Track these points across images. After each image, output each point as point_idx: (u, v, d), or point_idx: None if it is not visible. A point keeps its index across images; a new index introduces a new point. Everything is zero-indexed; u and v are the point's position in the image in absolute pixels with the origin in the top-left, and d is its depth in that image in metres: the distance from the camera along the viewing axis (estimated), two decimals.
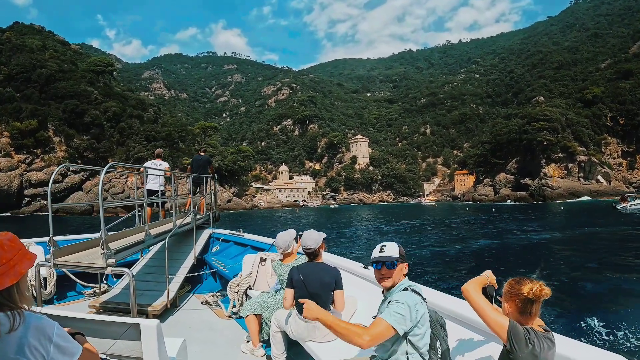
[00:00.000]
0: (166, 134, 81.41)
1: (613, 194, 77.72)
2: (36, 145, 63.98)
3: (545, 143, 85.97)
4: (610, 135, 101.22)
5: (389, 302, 1.83)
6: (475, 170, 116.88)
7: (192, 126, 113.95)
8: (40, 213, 59.34)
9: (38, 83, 79.36)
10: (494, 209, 53.97)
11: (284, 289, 3.04)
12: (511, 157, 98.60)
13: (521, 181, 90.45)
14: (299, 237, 3.23)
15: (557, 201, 74.45)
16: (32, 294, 3.60)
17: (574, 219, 35.40)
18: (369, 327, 1.76)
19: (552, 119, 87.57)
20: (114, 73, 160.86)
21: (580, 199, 76.70)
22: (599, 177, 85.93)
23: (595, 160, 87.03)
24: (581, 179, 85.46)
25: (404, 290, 1.85)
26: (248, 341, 3.36)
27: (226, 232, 6.46)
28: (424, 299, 1.89)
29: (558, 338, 1.80)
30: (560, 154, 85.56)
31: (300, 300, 2.09)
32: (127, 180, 63.69)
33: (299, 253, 3.39)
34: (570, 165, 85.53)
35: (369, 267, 3.20)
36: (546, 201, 76.42)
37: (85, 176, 63.62)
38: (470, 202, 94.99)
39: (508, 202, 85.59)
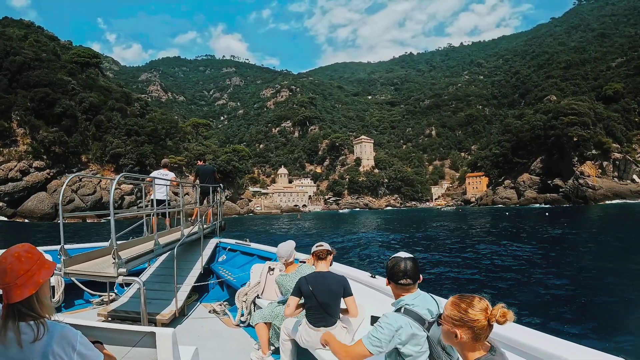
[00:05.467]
0: (151, 129, 72.27)
1: None
2: None
3: (576, 139, 77.35)
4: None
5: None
6: (491, 172, 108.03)
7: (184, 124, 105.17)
8: None
9: (9, 71, 70.54)
10: (547, 213, 43.98)
11: None
12: (534, 156, 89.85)
13: (549, 182, 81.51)
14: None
15: (605, 202, 65.30)
16: None
17: None
18: (351, 347, 1.89)
19: (581, 113, 79.03)
20: (109, 74, 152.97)
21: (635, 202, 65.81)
22: (634, 176, 77.50)
23: (629, 158, 78.62)
24: (615, 179, 76.92)
25: (396, 310, 1.84)
26: (258, 349, 3.36)
27: (233, 241, 6.42)
28: (431, 319, 1.77)
29: (533, 333, 1.83)
30: (594, 151, 76.96)
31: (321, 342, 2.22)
32: (100, 181, 54.49)
33: (296, 260, 3.46)
34: (605, 163, 76.89)
35: (377, 277, 3.27)
36: (588, 204, 67.36)
37: (51, 174, 54.43)
38: (493, 206, 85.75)
39: (540, 204, 76.05)
